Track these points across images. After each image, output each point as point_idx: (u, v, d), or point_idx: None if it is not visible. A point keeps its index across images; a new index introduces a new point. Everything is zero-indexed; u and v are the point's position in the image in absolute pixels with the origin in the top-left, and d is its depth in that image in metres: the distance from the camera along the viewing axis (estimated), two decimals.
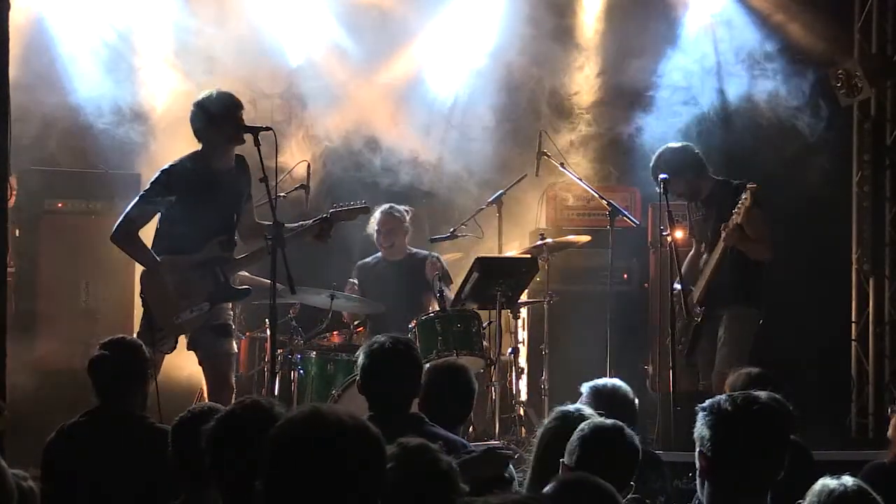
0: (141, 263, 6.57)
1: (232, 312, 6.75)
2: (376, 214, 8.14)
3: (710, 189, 7.44)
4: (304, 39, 9.44)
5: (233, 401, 6.46)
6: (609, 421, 3.60)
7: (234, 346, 6.72)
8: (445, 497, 2.95)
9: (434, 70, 9.67)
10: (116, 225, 6.53)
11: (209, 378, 6.49)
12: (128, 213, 6.52)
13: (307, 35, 9.42)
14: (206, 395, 6.66)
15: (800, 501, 3.08)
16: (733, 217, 7.07)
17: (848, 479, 3.01)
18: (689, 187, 7.38)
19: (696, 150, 7.49)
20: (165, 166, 6.58)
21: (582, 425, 3.56)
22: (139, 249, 6.48)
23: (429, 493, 2.89)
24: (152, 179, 6.55)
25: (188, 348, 6.48)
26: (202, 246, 6.42)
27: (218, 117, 6.40)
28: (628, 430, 3.57)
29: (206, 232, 6.44)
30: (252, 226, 6.67)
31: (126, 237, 6.47)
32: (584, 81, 9.71)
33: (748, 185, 7.07)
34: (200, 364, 6.53)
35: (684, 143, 7.60)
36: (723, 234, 7.12)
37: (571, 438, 3.52)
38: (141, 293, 6.50)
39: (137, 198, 6.54)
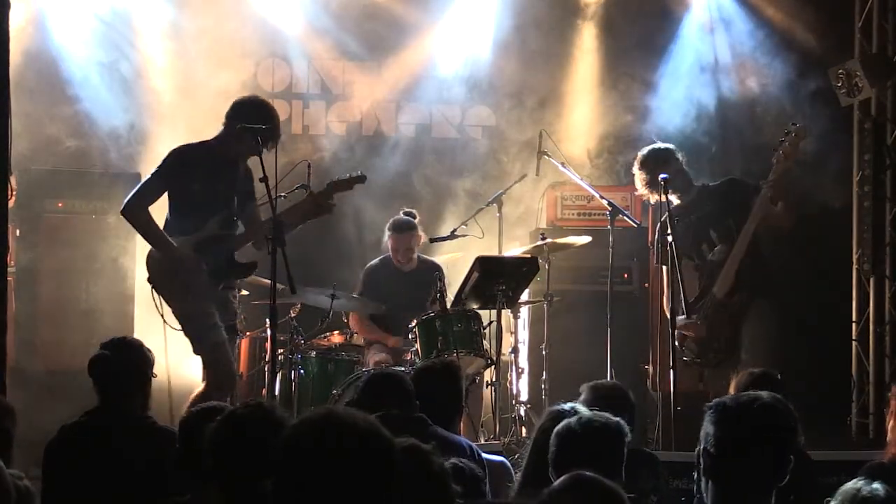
0: (150, 240, 6.52)
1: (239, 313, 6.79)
2: (391, 232, 8.09)
3: (697, 194, 7.49)
4: (305, 38, 9.45)
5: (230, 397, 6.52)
6: (584, 416, 3.57)
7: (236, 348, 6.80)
8: (437, 498, 2.94)
9: (434, 69, 9.67)
10: (127, 199, 6.55)
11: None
12: (139, 188, 6.59)
13: (308, 34, 9.43)
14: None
15: (828, 499, 3.09)
16: (780, 162, 7.05)
17: (879, 486, 3.01)
18: (677, 179, 7.33)
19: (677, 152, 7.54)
20: (177, 146, 6.63)
21: (558, 427, 3.54)
22: (148, 225, 6.46)
23: (419, 494, 2.88)
24: (165, 158, 6.56)
25: None
26: (204, 224, 6.45)
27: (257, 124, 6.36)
28: (606, 422, 3.55)
29: (208, 212, 6.47)
30: (257, 224, 6.66)
31: (137, 210, 6.47)
32: (584, 81, 9.72)
33: (794, 125, 7.05)
34: None
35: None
36: (769, 188, 7.08)
37: (551, 438, 3.52)
38: (149, 279, 6.47)
39: (150, 175, 6.58)
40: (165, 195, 6.57)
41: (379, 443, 2.36)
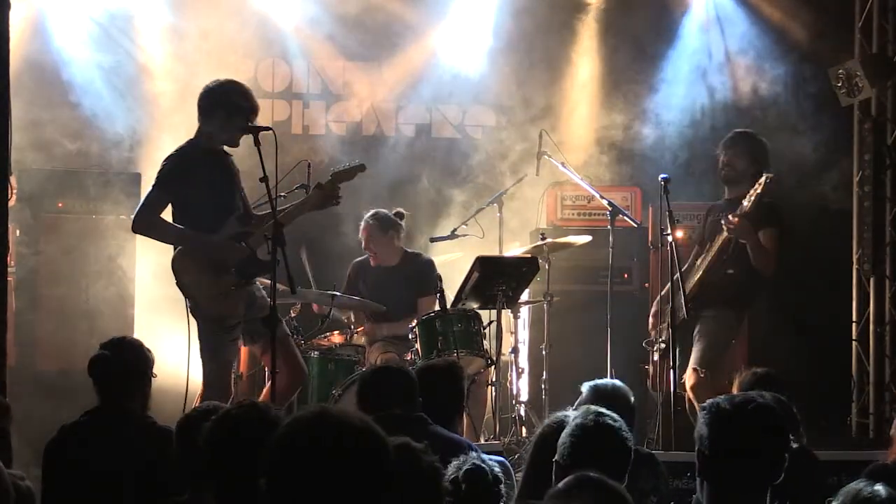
0: (173, 242, 6.37)
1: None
2: (361, 222, 8.12)
3: (739, 193, 7.44)
4: (305, 38, 9.45)
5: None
6: (599, 417, 3.59)
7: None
8: (428, 497, 2.94)
9: (434, 69, 9.67)
10: (135, 214, 6.45)
11: (283, 364, 6.25)
12: (145, 201, 6.44)
13: (308, 34, 9.44)
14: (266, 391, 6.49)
15: (830, 500, 3.10)
16: (742, 206, 7.05)
17: (881, 487, 3.01)
18: (749, 165, 7.39)
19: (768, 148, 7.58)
20: (173, 152, 6.49)
21: (572, 422, 3.55)
22: (165, 229, 6.34)
23: (411, 493, 2.87)
24: (164, 167, 6.42)
25: (244, 344, 6.50)
26: (222, 224, 6.34)
27: (237, 111, 6.31)
28: (619, 425, 3.57)
29: (223, 210, 6.36)
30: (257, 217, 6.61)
31: (147, 224, 6.36)
32: (584, 81, 9.72)
33: (765, 173, 7.04)
34: (262, 356, 6.55)
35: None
36: (725, 226, 7.10)
37: (562, 436, 3.53)
38: (178, 282, 6.32)
39: (152, 186, 6.43)
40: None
41: (373, 441, 2.35)
